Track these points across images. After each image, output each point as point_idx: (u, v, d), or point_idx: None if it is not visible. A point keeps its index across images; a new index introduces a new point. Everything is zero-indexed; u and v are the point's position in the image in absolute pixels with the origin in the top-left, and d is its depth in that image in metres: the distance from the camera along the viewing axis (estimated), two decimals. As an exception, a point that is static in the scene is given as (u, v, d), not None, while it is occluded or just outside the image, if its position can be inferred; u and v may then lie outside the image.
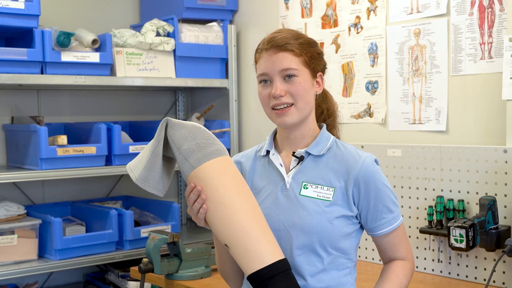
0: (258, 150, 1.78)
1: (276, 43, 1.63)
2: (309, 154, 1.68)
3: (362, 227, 1.70)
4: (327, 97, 1.80)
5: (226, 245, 1.57)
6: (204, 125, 3.47)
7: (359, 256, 2.72)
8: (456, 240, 2.23)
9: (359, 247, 2.69)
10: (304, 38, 1.67)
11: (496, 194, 2.27)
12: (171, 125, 1.64)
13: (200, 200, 1.57)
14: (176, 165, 1.70)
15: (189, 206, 1.60)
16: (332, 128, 1.79)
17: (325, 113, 1.79)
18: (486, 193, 2.30)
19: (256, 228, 1.55)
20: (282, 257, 1.54)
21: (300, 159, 1.68)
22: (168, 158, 1.68)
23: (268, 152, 1.74)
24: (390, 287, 1.65)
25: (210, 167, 1.58)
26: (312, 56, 1.66)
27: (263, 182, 1.71)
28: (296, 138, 1.70)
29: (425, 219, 2.49)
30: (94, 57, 2.93)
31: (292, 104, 1.63)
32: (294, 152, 1.69)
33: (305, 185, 1.65)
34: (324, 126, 1.74)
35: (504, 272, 2.25)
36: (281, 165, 1.70)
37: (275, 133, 1.77)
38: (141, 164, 1.64)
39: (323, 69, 1.72)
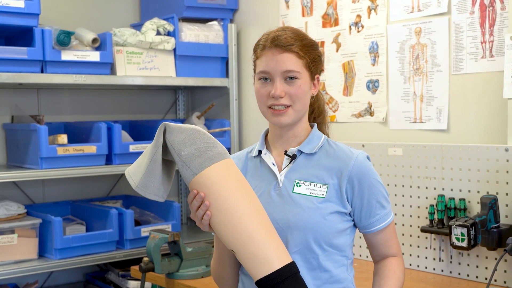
0: (249, 151, 1.79)
1: (281, 43, 1.62)
2: (301, 152, 1.69)
3: (355, 226, 1.70)
4: (318, 96, 1.81)
5: (232, 250, 1.56)
6: (205, 124, 3.47)
7: (360, 255, 2.72)
8: (457, 239, 2.23)
9: (360, 246, 2.69)
10: (308, 40, 1.67)
11: (497, 193, 2.26)
12: (170, 130, 1.60)
13: (203, 206, 1.55)
14: (176, 167, 1.67)
15: (193, 212, 1.58)
16: (321, 125, 1.81)
17: (316, 111, 1.80)
18: (488, 192, 2.29)
19: (262, 232, 1.54)
20: (290, 260, 1.53)
21: (293, 157, 1.68)
22: (167, 161, 1.64)
23: (259, 152, 1.74)
24: (391, 284, 1.65)
25: (212, 172, 1.56)
26: (314, 59, 1.67)
27: (256, 182, 1.71)
28: (288, 137, 1.71)
29: (426, 218, 2.48)
30: (94, 56, 2.92)
31: (290, 106, 1.64)
32: (286, 151, 1.69)
33: (298, 183, 1.66)
34: (315, 125, 1.75)
35: (505, 271, 2.25)
36: (274, 164, 1.71)
37: (266, 133, 1.78)
38: (140, 171, 1.61)
39: (320, 71, 1.73)
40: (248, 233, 1.53)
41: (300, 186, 1.65)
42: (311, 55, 1.66)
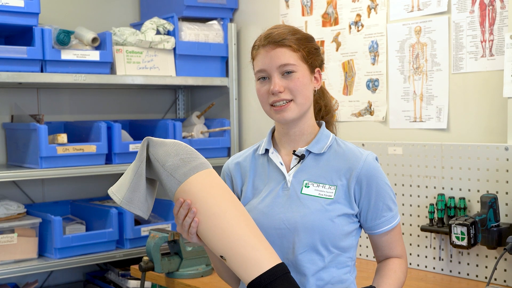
0: (255, 149, 1.77)
1: (273, 39, 1.62)
2: (310, 152, 1.68)
3: (361, 226, 1.70)
4: (324, 94, 1.79)
5: (222, 257, 1.56)
6: (204, 124, 3.47)
7: (360, 254, 2.72)
8: (457, 238, 2.23)
9: (360, 245, 2.69)
10: (301, 34, 1.66)
11: (497, 192, 2.26)
12: (153, 143, 1.63)
13: (191, 214, 1.56)
14: (157, 185, 1.70)
15: (179, 224, 1.59)
16: (329, 125, 1.79)
17: (323, 110, 1.79)
18: (487, 191, 2.29)
19: (250, 235, 1.55)
20: (279, 261, 1.54)
21: (301, 157, 1.67)
22: (149, 180, 1.67)
23: (267, 150, 1.73)
24: (389, 282, 1.65)
25: (197, 180, 1.58)
26: (310, 51, 1.66)
27: (264, 181, 1.70)
28: (295, 135, 1.69)
29: (426, 217, 2.48)
30: (94, 55, 2.92)
31: (291, 100, 1.63)
32: (294, 151, 1.68)
33: (306, 183, 1.65)
34: (323, 124, 1.74)
35: (505, 270, 2.25)
36: (281, 164, 1.69)
37: (273, 131, 1.76)
38: (124, 186, 1.63)
39: (320, 64, 1.71)
40: (237, 236, 1.53)
41: (308, 187, 1.64)
42: (307, 47, 1.65)
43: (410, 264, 2.54)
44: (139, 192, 1.61)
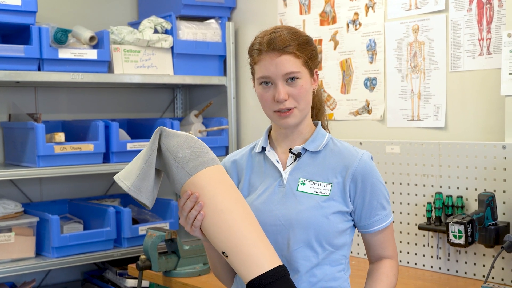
0: (252, 147, 1.79)
1: (277, 46, 1.62)
2: (306, 150, 1.69)
3: (355, 226, 1.71)
4: (316, 91, 1.80)
5: (223, 253, 1.56)
6: (202, 123, 3.47)
7: (358, 253, 2.72)
8: (454, 236, 2.23)
9: (358, 244, 2.69)
10: (302, 37, 1.67)
11: (495, 190, 2.26)
12: (166, 134, 1.63)
13: (197, 206, 1.56)
14: (161, 177, 1.69)
15: (183, 216, 1.59)
16: (320, 117, 1.80)
17: (316, 106, 1.80)
18: (485, 189, 2.29)
19: (254, 234, 1.56)
20: (280, 263, 1.54)
21: (297, 155, 1.68)
22: (156, 170, 1.66)
23: (263, 148, 1.74)
24: (382, 287, 1.66)
25: (207, 175, 1.59)
26: (311, 55, 1.67)
27: (260, 179, 1.72)
28: (293, 135, 1.71)
29: (424, 215, 2.48)
30: (91, 54, 2.91)
31: (295, 107, 1.64)
32: (291, 149, 1.69)
33: (302, 181, 1.66)
34: (320, 123, 1.76)
35: (503, 269, 2.25)
36: (278, 162, 1.71)
37: (269, 130, 1.78)
38: (133, 174, 1.62)
39: (317, 65, 1.73)
40: (242, 233, 1.54)
41: (304, 184, 1.66)
42: (308, 52, 1.66)
43: (408, 263, 2.54)
44: (148, 181, 1.61)
